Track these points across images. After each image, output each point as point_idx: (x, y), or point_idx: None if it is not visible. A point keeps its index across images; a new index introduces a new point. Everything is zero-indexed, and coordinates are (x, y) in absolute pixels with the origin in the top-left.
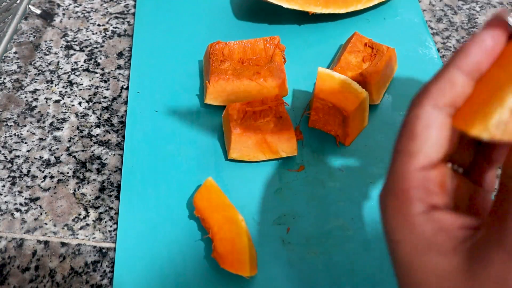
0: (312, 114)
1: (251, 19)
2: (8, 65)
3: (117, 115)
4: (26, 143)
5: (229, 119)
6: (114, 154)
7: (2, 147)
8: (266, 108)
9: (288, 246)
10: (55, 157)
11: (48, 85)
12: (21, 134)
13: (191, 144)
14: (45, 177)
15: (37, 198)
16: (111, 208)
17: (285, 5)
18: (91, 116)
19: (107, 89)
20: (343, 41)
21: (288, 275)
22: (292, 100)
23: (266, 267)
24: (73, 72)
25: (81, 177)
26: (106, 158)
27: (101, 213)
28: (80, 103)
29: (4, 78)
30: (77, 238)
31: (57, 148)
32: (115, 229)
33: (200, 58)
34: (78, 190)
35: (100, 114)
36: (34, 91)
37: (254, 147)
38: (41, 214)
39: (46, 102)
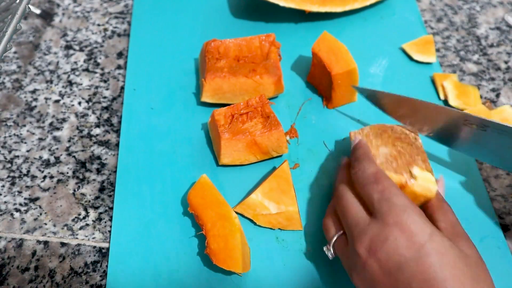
0: (311, 70)
1: (248, 18)
2: (7, 65)
3: (117, 115)
4: (25, 143)
5: (216, 124)
6: (114, 154)
7: (2, 147)
8: (251, 110)
9: (282, 243)
10: (54, 157)
11: (47, 85)
12: (21, 134)
13: (186, 142)
14: (44, 177)
15: (37, 198)
16: (111, 208)
17: (282, 4)
18: (90, 116)
19: (107, 89)
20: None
21: (282, 272)
22: (287, 97)
23: (260, 264)
24: (72, 72)
25: (81, 177)
26: (105, 158)
27: (100, 213)
28: (79, 103)
29: (4, 78)
30: (77, 238)
31: (57, 148)
32: None
33: (196, 56)
34: (78, 190)
35: (100, 114)
36: (33, 91)
37: (244, 150)
38: (40, 214)
39: (46, 102)
